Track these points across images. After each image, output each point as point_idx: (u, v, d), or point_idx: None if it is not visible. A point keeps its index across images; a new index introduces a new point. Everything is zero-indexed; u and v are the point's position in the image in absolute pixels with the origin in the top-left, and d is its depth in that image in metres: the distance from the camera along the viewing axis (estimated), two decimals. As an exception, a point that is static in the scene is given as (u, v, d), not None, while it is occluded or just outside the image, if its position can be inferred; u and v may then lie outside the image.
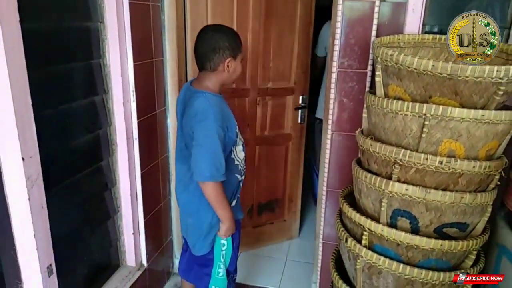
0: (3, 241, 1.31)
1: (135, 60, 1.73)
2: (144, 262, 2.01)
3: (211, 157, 1.43)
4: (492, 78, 1.11)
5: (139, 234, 1.96)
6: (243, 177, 1.66)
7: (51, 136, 1.42)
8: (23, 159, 1.23)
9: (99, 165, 1.72)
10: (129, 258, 1.97)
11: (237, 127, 1.56)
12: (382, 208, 1.33)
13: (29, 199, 1.27)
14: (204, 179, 1.46)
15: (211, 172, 1.43)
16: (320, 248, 1.96)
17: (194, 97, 1.49)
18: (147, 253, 2.00)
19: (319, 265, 1.98)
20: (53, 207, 1.39)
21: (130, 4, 1.65)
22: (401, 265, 1.31)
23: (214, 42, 1.46)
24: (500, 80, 1.12)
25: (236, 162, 1.58)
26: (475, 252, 1.36)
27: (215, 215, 1.55)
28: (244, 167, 1.64)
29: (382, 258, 1.34)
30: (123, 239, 1.93)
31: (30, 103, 1.24)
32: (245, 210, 2.54)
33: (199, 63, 1.52)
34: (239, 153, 1.58)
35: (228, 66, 1.49)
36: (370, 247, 1.39)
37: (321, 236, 1.93)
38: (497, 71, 1.11)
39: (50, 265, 1.40)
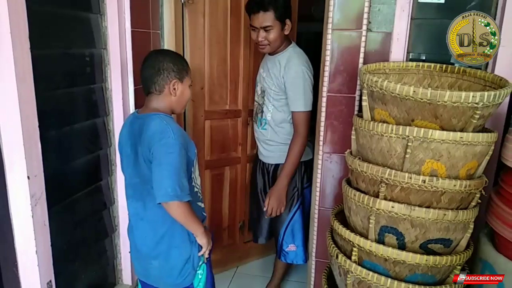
0: (5, 257, 1.36)
1: (135, 84, 1.82)
2: (140, 280, 2.05)
3: (173, 174, 1.32)
4: (469, 103, 1.20)
5: (136, 253, 2.00)
6: (203, 205, 1.60)
7: (54, 156, 1.49)
8: (28, 177, 1.30)
9: (99, 184, 1.79)
10: (125, 276, 2.00)
11: (195, 157, 1.51)
12: (370, 225, 1.40)
13: (32, 216, 1.33)
14: (168, 199, 1.32)
15: (175, 191, 1.31)
16: (313, 266, 2.00)
17: (147, 121, 1.40)
18: (143, 272, 2.04)
19: (312, 282, 2.02)
20: (54, 225, 1.45)
21: (132, 32, 1.75)
22: (389, 280, 1.36)
23: (158, 63, 1.43)
24: (476, 105, 1.21)
25: (196, 189, 1.51)
26: (459, 267, 1.42)
27: (188, 249, 1.48)
28: (201, 193, 1.59)
29: (371, 273, 1.39)
30: (120, 258, 1.97)
31: (37, 124, 1.32)
32: (236, 227, 2.60)
33: (144, 87, 1.48)
34: (197, 179, 1.53)
35: (174, 88, 1.45)
36: (360, 263, 1.45)
37: (313, 254, 1.98)
38: (472, 96, 1.19)
39: (50, 281, 1.44)
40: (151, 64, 1.45)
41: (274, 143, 2.10)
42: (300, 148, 1.97)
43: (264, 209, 2.05)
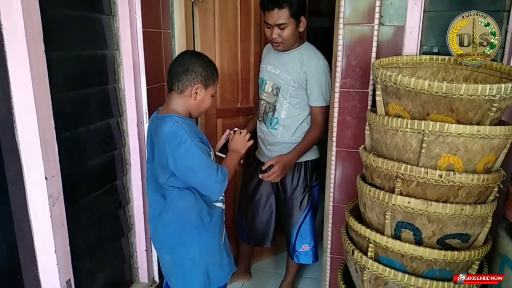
0: (25, 256, 1.38)
1: (148, 84, 1.83)
2: (156, 278, 2.06)
3: (210, 172, 1.38)
4: (485, 96, 1.18)
5: (152, 251, 2.01)
6: (224, 206, 1.59)
7: (70, 156, 1.50)
8: (46, 178, 1.31)
9: (114, 184, 1.80)
10: (142, 274, 2.02)
11: (212, 151, 1.51)
12: (386, 221, 1.39)
13: (50, 216, 1.35)
14: (221, 193, 1.48)
15: (220, 182, 1.40)
16: (328, 263, 2.00)
17: (161, 123, 1.42)
18: (159, 270, 2.05)
19: (328, 279, 2.02)
20: (71, 224, 1.46)
21: (144, 32, 1.76)
22: (406, 275, 1.35)
23: (189, 63, 1.43)
24: (493, 98, 1.19)
25: None
26: (478, 262, 1.40)
27: (196, 249, 1.49)
28: (223, 194, 1.57)
29: (387, 269, 1.38)
30: (136, 256, 1.99)
31: (53, 125, 1.33)
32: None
33: (168, 83, 1.48)
34: None
35: (196, 93, 1.44)
36: (376, 259, 1.44)
37: (328, 251, 1.98)
38: (489, 89, 1.18)
39: (69, 280, 1.46)
40: (182, 62, 1.45)
41: (282, 143, 2.04)
42: (317, 136, 1.99)
43: (263, 167, 1.96)
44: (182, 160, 1.37)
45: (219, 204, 1.56)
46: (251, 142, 1.66)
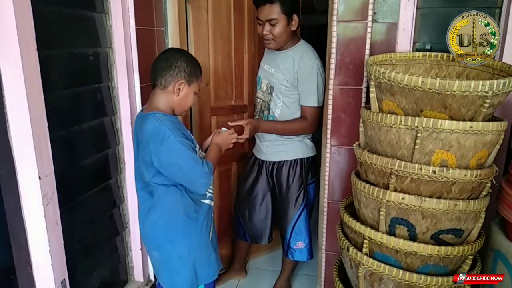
0: (19, 256, 1.37)
1: (141, 82, 1.82)
2: (152, 277, 2.06)
3: (195, 167, 1.39)
4: (478, 92, 1.20)
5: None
6: (212, 203, 1.60)
7: (64, 155, 1.49)
8: (39, 178, 1.30)
9: (108, 183, 1.79)
10: (137, 273, 2.02)
11: (198, 147, 1.54)
12: (381, 217, 1.39)
13: (44, 216, 1.34)
14: (207, 186, 1.46)
15: (206, 176, 1.41)
16: (323, 259, 2.01)
17: (144, 121, 1.42)
18: (154, 269, 2.05)
19: (323, 276, 2.03)
20: (66, 224, 1.46)
21: (137, 29, 1.75)
22: (401, 271, 1.37)
23: (172, 59, 1.44)
24: (485, 94, 1.20)
25: None
26: (471, 257, 1.41)
27: (183, 245, 1.50)
28: (212, 191, 1.59)
29: (382, 265, 1.40)
30: (131, 255, 1.99)
31: (46, 124, 1.32)
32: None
33: (152, 79, 1.48)
34: None
35: (179, 89, 1.44)
36: (371, 255, 1.45)
37: (323, 248, 1.99)
38: (482, 85, 1.19)
39: (64, 279, 1.45)
40: (165, 58, 1.46)
41: (278, 140, 2.06)
42: (298, 127, 1.98)
43: (231, 124, 1.88)
44: (166, 157, 1.37)
45: (206, 201, 1.56)
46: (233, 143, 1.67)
